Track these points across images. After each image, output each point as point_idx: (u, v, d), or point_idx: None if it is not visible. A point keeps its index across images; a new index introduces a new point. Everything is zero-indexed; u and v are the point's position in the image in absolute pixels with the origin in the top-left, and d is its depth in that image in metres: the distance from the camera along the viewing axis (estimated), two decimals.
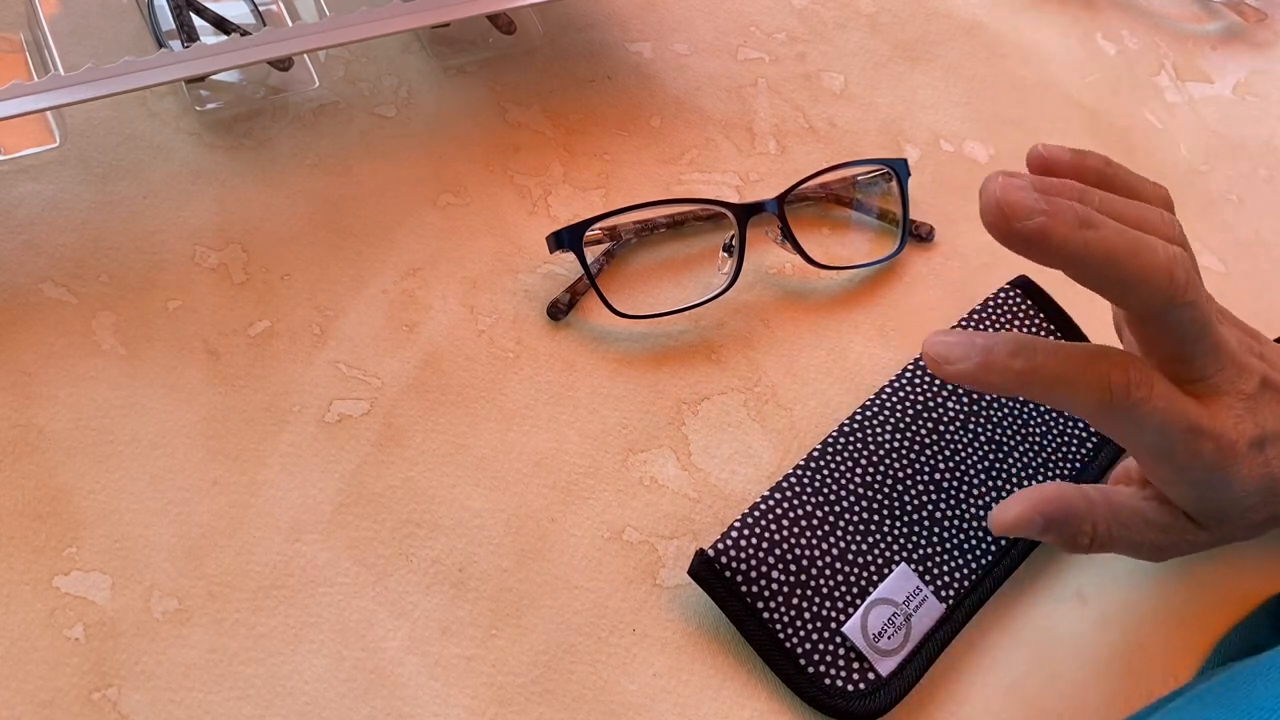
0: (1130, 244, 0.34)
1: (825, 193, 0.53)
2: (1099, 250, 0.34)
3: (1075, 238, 0.33)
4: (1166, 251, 0.35)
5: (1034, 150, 0.39)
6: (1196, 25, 0.68)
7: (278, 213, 0.49)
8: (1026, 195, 0.33)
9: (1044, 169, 0.38)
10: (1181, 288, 0.35)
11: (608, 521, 0.44)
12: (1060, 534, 0.39)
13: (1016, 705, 0.42)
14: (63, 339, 0.44)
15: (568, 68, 0.56)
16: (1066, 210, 0.34)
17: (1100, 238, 0.34)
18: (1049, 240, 0.33)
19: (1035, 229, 0.33)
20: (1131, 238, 0.34)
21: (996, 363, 0.36)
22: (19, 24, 0.51)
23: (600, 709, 0.40)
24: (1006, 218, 0.33)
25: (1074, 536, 0.39)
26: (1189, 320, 0.36)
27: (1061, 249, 0.34)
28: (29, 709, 0.37)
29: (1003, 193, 0.33)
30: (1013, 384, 0.36)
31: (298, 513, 0.42)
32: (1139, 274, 0.34)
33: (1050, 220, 0.33)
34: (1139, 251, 0.34)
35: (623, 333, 0.48)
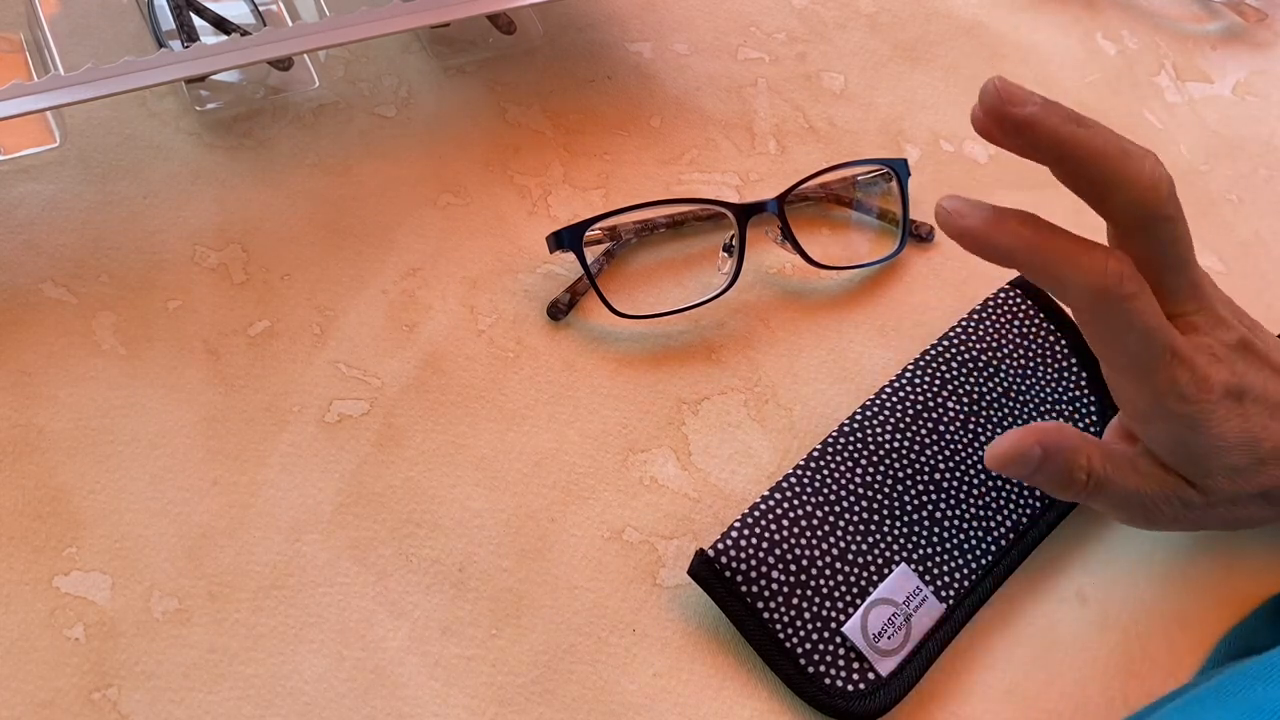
0: (1120, 147, 0.36)
1: (825, 193, 0.53)
2: (1089, 145, 0.35)
3: (1066, 129, 0.35)
4: (1155, 164, 0.36)
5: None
6: (1196, 25, 0.68)
7: (278, 213, 0.49)
8: (1023, 90, 0.35)
9: None
10: (1166, 197, 0.36)
11: (608, 521, 0.44)
12: (1057, 469, 0.39)
13: (1016, 705, 0.42)
14: (63, 339, 0.44)
15: (568, 68, 0.56)
16: (1060, 108, 0.35)
17: (1091, 134, 0.35)
18: (1041, 126, 0.35)
19: (1029, 115, 0.35)
20: (1121, 142, 0.36)
21: (1007, 225, 0.36)
22: (19, 24, 0.51)
23: (600, 709, 0.40)
24: (1004, 100, 0.35)
25: (1070, 472, 0.39)
26: (1170, 239, 0.37)
27: (1053, 137, 0.35)
28: (29, 709, 0.37)
29: (999, 85, 0.35)
30: (1019, 248, 0.36)
31: (298, 513, 0.42)
32: (1126, 175, 0.36)
33: (1044, 109, 0.35)
34: (1129, 154, 0.36)
35: (623, 333, 0.48)
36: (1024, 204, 0.56)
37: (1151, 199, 0.36)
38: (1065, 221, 0.58)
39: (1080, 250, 0.36)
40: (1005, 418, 0.47)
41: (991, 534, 0.44)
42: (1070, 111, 0.36)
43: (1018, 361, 0.48)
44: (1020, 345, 0.49)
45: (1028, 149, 0.36)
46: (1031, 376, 0.48)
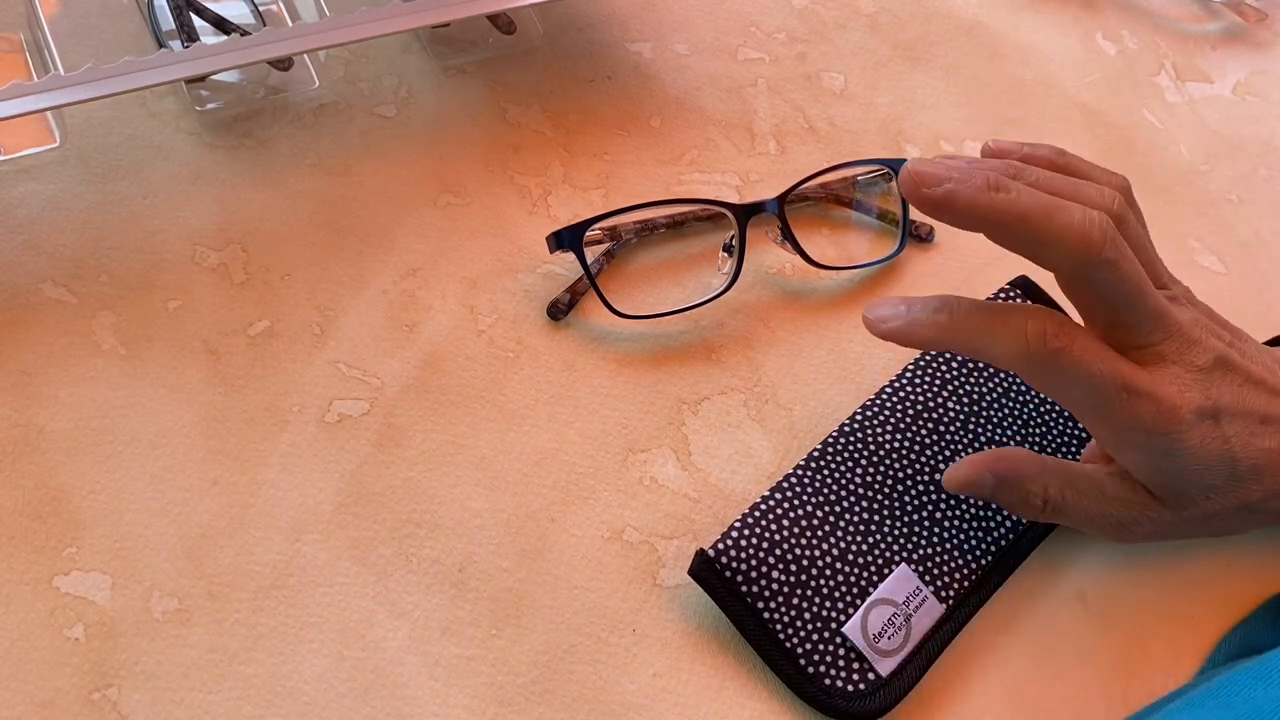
0: (1043, 205, 0.36)
1: (825, 193, 0.53)
2: (1007, 210, 0.36)
3: (982, 199, 0.36)
4: (1084, 214, 0.36)
5: (985, 146, 0.42)
6: (1196, 25, 0.68)
7: (278, 213, 0.49)
8: (937, 167, 0.36)
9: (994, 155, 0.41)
10: (1097, 247, 0.36)
11: (608, 521, 0.44)
12: (1010, 497, 0.41)
13: (1016, 705, 0.42)
14: (63, 339, 0.44)
15: (568, 68, 0.56)
16: (976, 177, 0.36)
17: (1009, 199, 0.36)
18: (956, 204, 0.36)
19: (943, 195, 0.36)
20: (1045, 201, 0.36)
21: (920, 318, 0.39)
22: (19, 24, 0.51)
23: (600, 709, 0.40)
24: (916, 184, 0.36)
25: (1025, 497, 0.41)
26: (1112, 281, 0.37)
27: (969, 211, 0.36)
28: (29, 709, 0.37)
29: (911, 169, 0.37)
30: (938, 337, 0.38)
31: (298, 513, 0.42)
32: (1052, 233, 0.36)
33: (958, 185, 0.36)
34: (1051, 212, 0.36)
35: (623, 333, 0.48)
36: None
37: (1083, 251, 0.36)
38: None
39: (996, 322, 0.37)
40: (1005, 418, 0.47)
41: (991, 534, 0.44)
42: (991, 178, 0.36)
43: None
44: None
45: (953, 223, 0.37)
46: None
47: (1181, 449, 0.37)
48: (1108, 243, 0.36)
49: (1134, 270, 0.37)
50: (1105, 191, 0.39)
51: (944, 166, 0.36)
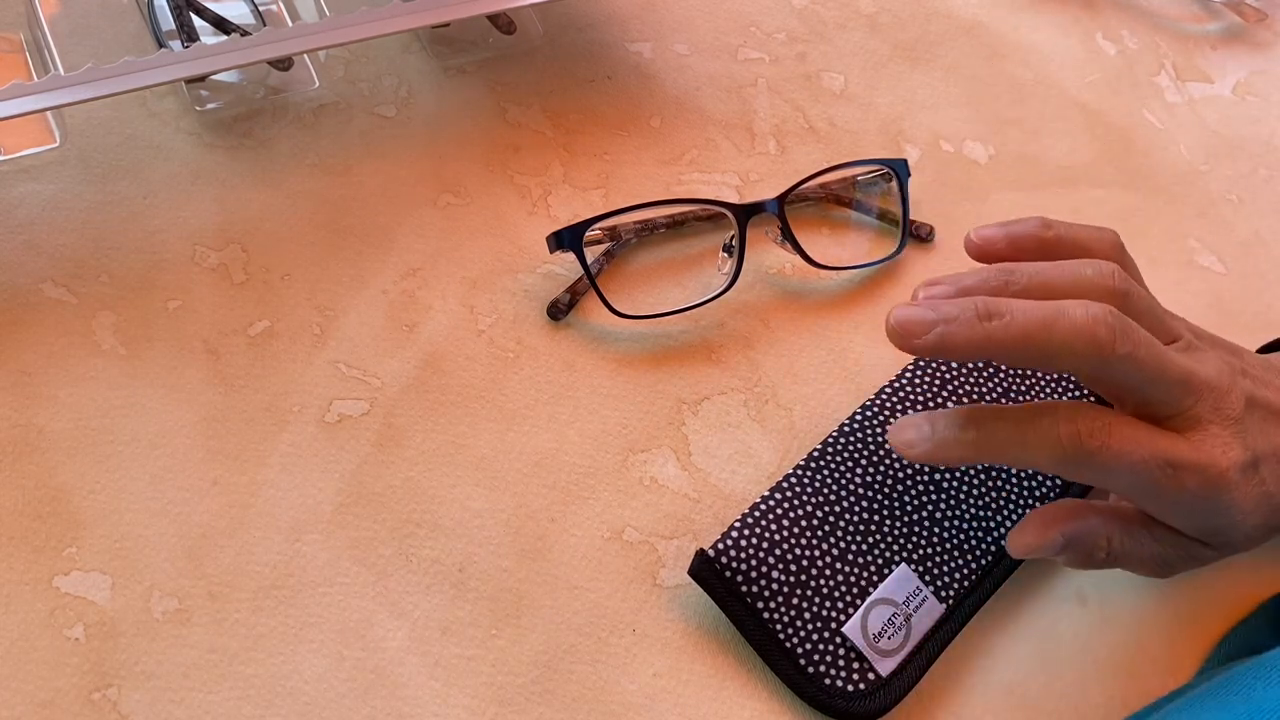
0: (1041, 319, 0.35)
1: (825, 193, 0.53)
2: (1006, 336, 0.35)
3: (977, 334, 0.35)
4: (1086, 314, 0.35)
5: (967, 239, 0.40)
6: (1196, 25, 0.68)
7: (278, 213, 0.49)
8: (921, 311, 0.35)
9: (981, 254, 0.40)
10: (1107, 345, 0.35)
11: (608, 521, 0.44)
12: (1078, 551, 0.39)
13: (1016, 705, 0.42)
14: (63, 339, 0.44)
15: (568, 68, 0.56)
16: (964, 311, 0.35)
17: (1005, 324, 0.35)
18: (952, 346, 0.35)
19: (935, 341, 0.35)
20: (1042, 313, 0.35)
21: (948, 438, 0.37)
22: (19, 24, 0.51)
23: (600, 709, 0.40)
24: (906, 338, 0.35)
25: (1090, 553, 0.39)
26: (1131, 370, 0.36)
27: (967, 348, 0.35)
28: (29, 709, 0.37)
29: (894, 319, 0.36)
30: (971, 455, 0.37)
31: (298, 513, 0.42)
32: (1058, 345, 0.35)
33: (948, 326, 0.35)
34: (1052, 324, 0.35)
35: (623, 333, 0.48)
36: (1023, 205, 0.57)
37: (1094, 353, 0.35)
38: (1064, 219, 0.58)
39: (1027, 431, 0.36)
40: None
41: (991, 534, 0.44)
42: (980, 306, 0.35)
43: None
44: None
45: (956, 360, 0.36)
46: (1031, 376, 0.48)
47: (1228, 504, 0.37)
48: (1117, 338, 0.35)
49: (1150, 352, 0.36)
50: (1101, 268, 0.37)
51: (928, 308, 0.35)
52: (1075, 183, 0.58)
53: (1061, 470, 0.37)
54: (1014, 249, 0.40)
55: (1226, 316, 0.55)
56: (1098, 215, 0.57)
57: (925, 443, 0.37)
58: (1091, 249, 0.40)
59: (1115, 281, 0.37)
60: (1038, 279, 0.37)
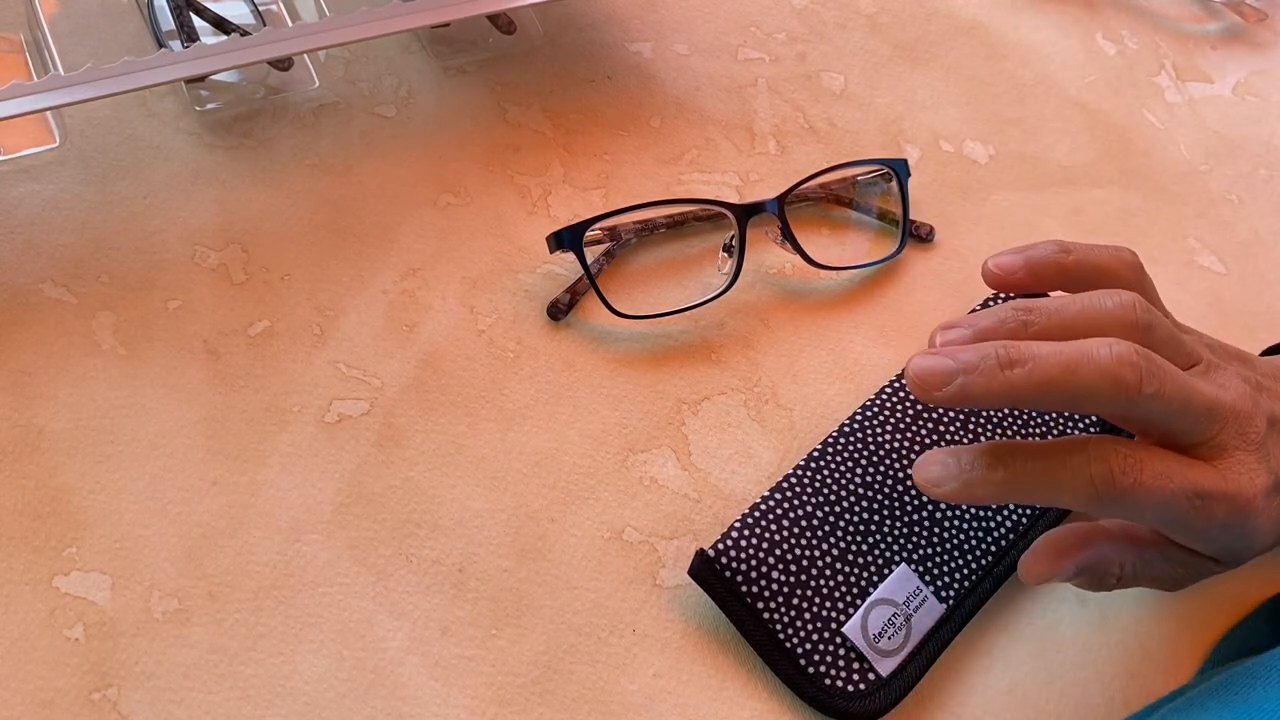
0: (1063, 363, 0.34)
1: (825, 193, 0.53)
2: (1029, 384, 0.34)
3: (998, 383, 0.34)
4: (1110, 354, 0.34)
5: (985, 269, 0.39)
6: (1196, 25, 0.68)
7: (278, 213, 0.49)
8: (938, 362, 0.35)
9: (1000, 284, 0.39)
10: (1133, 386, 0.34)
11: (608, 521, 0.44)
12: (1090, 577, 0.39)
13: (1016, 705, 0.42)
14: (63, 339, 0.44)
15: (568, 68, 0.56)
16: (986, 359, 0.34)
17: (1027, 372, 0.34)
18: (973, 396, 0.34)
19: (956, 392, 0.34)
20: (1065, 357, 0.34)
21: (976, 478, 0.36)
22: (19, 24, 0.51)
23: (600, 709, 0.40)
24: (927, 389, 0.35)
25: (1102, 579, 0.39)
26: (1158, 407, 0.35)
27: (989, 397, 0.34)
28: (29, 709, 0.37)
29: (914, 371, 0.35)
30: (999, 494, 0.37)
31: (298, 513, 0.42)
32: (1082, 390, 0.34)
33: (969, 377, 0.34)
34: (1076, 368, 0.34)
35: (623, 333, 0.48)
36: (1023, 205, 0.57)
37: (1120, 395, 0.34)
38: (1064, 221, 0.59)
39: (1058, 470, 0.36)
40: (1005, 418, 0.47)
41: (991, 534, 0.44)
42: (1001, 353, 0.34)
43: None
44: None
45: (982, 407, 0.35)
46: None
47: (1253, 528, 0.37)
48: (1144, 379, 0.34)
49: (1175, 387, 0.35)
50: (1122, 300, 0.37)
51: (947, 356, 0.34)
52: (1075, 183, 0.58)
53: (1092, 508, 0.36)
54: (1033, 277, 0.39)
55: (1226, 316, 0.55)
56: (1098, 215, 0.57)
57: (951, 481, 0.37)
58: (1111, 273, 0.39)
59: (1137, 314, 0.36)
60: (1056, 317, 0.36)
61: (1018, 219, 0.56)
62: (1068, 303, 0.37)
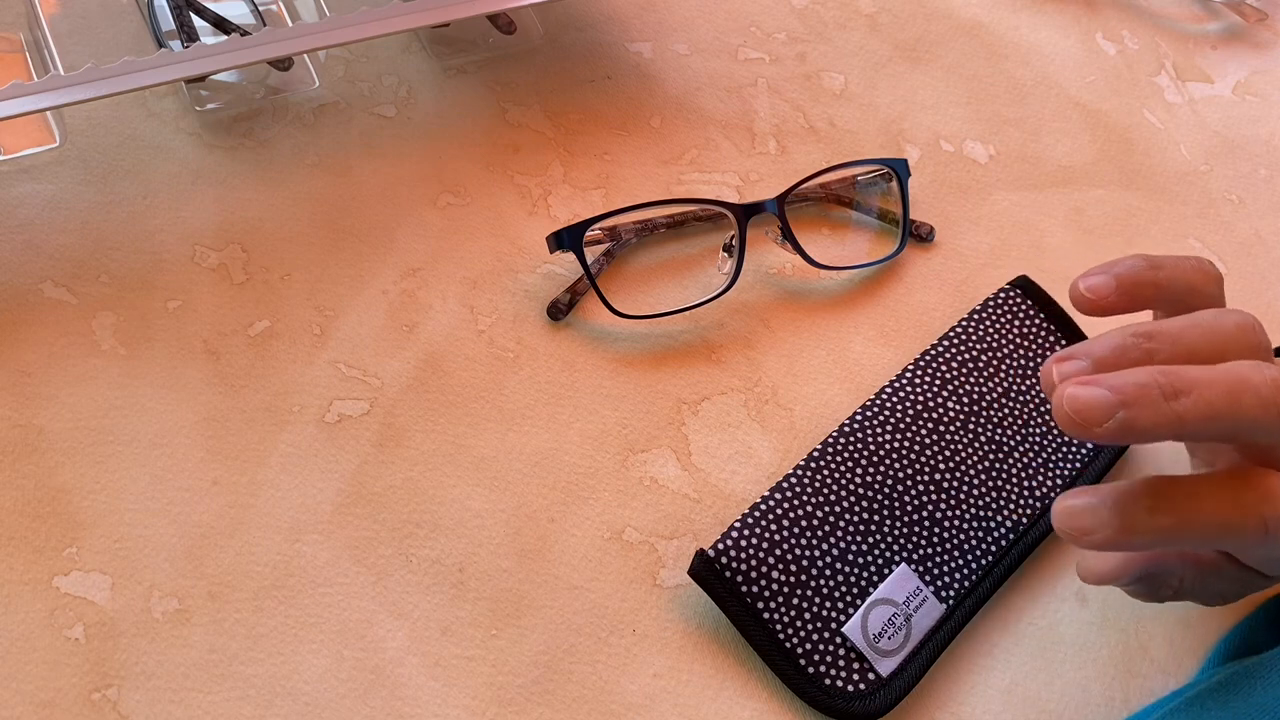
0: (1225, 391, 0.32)
1: (825, 193, 0.53)
2: (1196, 415, 0.31)
3: (1165, 415, 0.31)
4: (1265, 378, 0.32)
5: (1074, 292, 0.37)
6: (1196, 25, 0.68)
7: (278, 213, 0.49)
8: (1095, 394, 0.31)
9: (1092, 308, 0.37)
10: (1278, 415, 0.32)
11: (608, 521, 0.44)
12: (1148, 585, 0.38)
13: (1016, 705, 0.42)
14: (63, 339, 0.44)
15: (568, 68, 0.56)
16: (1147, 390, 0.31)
17: (1193, 403, 0.31)
18: (1138, 430, 0.31)
19: (1119, 427, 0.31)
20: (1224, 385, 0.32)
21: (1138, 525, 0.33)
22: (19, 24, 0.51)
23: (600, 709, 0.40)
24: (1087, 428, 0.31)
25: (1159, 589, 0.39)
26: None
27: (1154, 431, 0.31)
28: (29, 709, 0.37)
29: (1071, 405, 0.31)
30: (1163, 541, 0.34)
31: (298, 513, 0.42)
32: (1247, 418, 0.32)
33: (1131, 411, 0.31)
34: (1238, 397, 0.32)
35: (623, 333, 0.48)
36: (1024, 205, 0.57)
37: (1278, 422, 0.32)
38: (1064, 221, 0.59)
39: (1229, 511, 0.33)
40: (1005, 418, 0.47)
41: (991, 534, 0.44)
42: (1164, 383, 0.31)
43: (1018, 361, 0.48)
44: (1020, 345, 0.49)
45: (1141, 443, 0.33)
46: (1031, 376, 0.48)
47: None
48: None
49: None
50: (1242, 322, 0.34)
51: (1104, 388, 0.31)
52: (1075, 183, 0.58)
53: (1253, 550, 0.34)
54: (1126, 298, 0.36)
55: None
56: (1098, 215, 0.57)
57: (1106, 528, 0.33)
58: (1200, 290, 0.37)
59: (1259, 335, 0.34)
60: (1181, 344, 0.34)
61: (1018, 219, 0.56)
62: (1188, 327, 0.34)
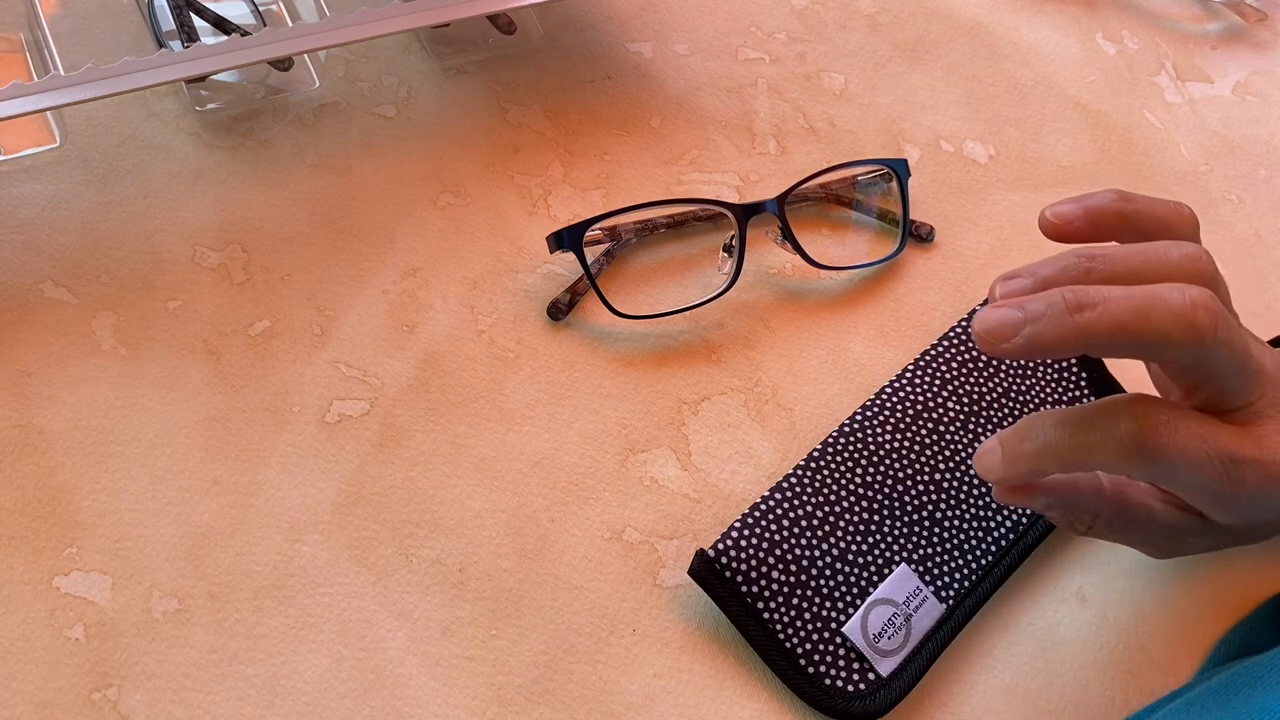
0: (1137, 306, 0.33)
1: (825, 193, 0.53)
2: (1100, 328, 0.33)
3: (1069, 327, 0.33)
4: (1182, 298, 0.33)
5: (1042, 218, 0.38)
6: (1196, 25, 0.68)
7: (278, 213, 0.49)
8: (1004, 313, 0.33)
9: (1059, 234, 0.38)
10: (1209, 330, 0.33)
11: (608, 521, 0.44)
12: (1061, 513, 0.39)
13: (1016, 705, 0.42)
14: (63, 339, 0.44)
15: (568, 68, 0.56)
16: (1053, 305, 0.33)
17: (1099, 315, 0.33)
18: (1043, 344, 0.33)
19: (1024, 343, 0.33)
20: (1137, 300, 0.33)
21: (1013, 453, 0.36)
22: (19, 24, 0.51)
23: (600, 709, 0.40)
24: (994, 342, 0.33)
25: (1073, 522, 0.39)
26: (1224, 357, 0.34)
27: (1059, 345, 0.33)
28: (29, 709, 0.37)
29: (980, 324, 0.34)
30: (1035, 468, 0.36)
31: (298, 513, 0.42)
32: (1156, 334, 0.33)
33: (1037, 324, 0.33)
34: (1149, 311, 0.33)
35: (623, 333, 0.48)
36: (1024, 205, 0.57)
37: (1194, 340, 0.33)
38: None
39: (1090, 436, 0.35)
40: (1005, 418, 0.47)
41: (991, 534, 0.44)
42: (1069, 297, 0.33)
43: (1018, 361, 0.48)
44: None
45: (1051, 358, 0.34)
46: (1031, 376, 0.48)
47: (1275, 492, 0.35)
48: (1219, 323, 0.33)
49: (1240, 338, 0.35)
50: (1188, 250, 0.35)
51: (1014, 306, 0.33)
52: (1075, 183, 0.58)
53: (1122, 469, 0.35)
54: (1093, 226, 0.37)
55: None
56: None
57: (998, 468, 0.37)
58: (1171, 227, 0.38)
59: (1204, 264, 0.35)
60: (1121, 265, 0.35)
61: (1018, 219, 0.56)
62: (1132, 251, 0.35)
